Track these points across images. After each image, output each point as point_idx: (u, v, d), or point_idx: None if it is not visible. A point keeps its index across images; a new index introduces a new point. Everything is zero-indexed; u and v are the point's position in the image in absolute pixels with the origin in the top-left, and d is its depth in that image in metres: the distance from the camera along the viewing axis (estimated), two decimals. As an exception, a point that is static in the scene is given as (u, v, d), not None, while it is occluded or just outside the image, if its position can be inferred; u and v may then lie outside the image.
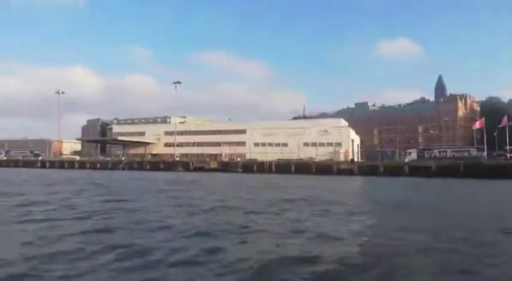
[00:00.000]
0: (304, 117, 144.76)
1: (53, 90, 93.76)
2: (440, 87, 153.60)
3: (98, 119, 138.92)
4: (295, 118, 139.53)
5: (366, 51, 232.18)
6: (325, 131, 69.91)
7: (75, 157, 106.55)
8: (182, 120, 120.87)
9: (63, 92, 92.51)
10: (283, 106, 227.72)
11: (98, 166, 70.56)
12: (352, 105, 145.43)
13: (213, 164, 63.84)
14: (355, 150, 71.27)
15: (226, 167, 60.99)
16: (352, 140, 71.09)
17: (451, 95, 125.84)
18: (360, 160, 67.69)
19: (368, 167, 50.45)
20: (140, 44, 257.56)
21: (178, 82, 76.64)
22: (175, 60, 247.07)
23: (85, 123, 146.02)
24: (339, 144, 66.65)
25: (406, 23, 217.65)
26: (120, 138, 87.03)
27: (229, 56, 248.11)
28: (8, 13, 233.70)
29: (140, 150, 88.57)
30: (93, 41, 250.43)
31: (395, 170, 47.16)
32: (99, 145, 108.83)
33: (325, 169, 52.56)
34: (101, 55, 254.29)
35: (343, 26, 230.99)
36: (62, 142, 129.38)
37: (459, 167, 43.70)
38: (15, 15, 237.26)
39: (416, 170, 45.87)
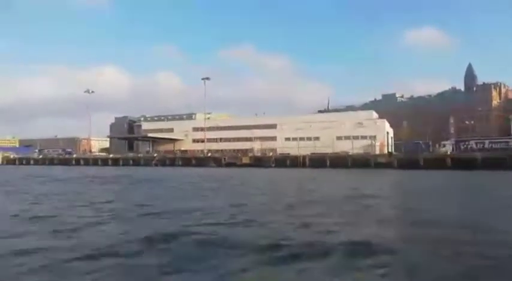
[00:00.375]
0: (329, 110, 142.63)
1: (81, 89, 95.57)
2: (470, 76, 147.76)
3: (126, 117, 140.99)
4: (320, 111, 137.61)
5: (390, 42, 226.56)
6: (359, 123, 68.37)
7: (103, 154, 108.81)
8: (207, 116, 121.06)
9: (92, 91, 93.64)
10: (306, 100, 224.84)
11: (131, 162, 71.61)
12: (379, 97, 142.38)
13: (245, 160, 63.61)
14: (390, 143, 69.35)
15: (259, 162, 60.57)
16: (387, 133, 69.27)
17: (484, 83, 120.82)
18: (393, 153, 65.86)
19: (407, 161, 48.87)
20: (164, 43, 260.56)
21: (207, 78, 76.63)
22: (198, 57, 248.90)
23: (113, 121, 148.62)
24: (374, 137, 65.02)
25: (430, 11, 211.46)
26: (150, 135, 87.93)
27: (252, 51, 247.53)
28: (37, 17, 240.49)
29: (168, 146, 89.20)
30: (119, 40, 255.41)
31: (436, 163, 45.53)
32: (127, 141, 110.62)
33: (362, 162, 51.36)
34: (127, 54, 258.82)
35: (366, 16, 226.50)
36: (90, 139, 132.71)
37: (508, 159, 41.73)
38: (44, 18, 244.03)
39: (460, 163, 44.10)
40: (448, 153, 49.78)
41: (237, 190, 20.35)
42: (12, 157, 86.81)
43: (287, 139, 71.69)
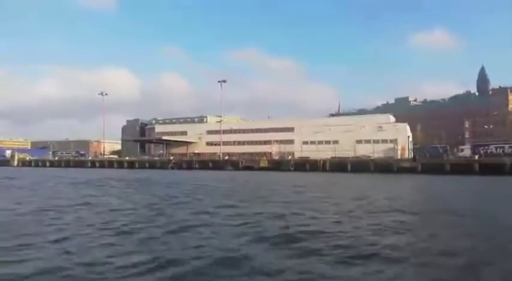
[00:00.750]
0: (340, 114, 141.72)
1: (86, 91, 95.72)
2: (483, 79, 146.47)
3: (137, 120, 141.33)
4: (332, 115, 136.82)
5: (395, 45, 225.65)
6: (379, 127, 67.39)
7: (114, 156, 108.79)
8: (218, 119, 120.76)
9: (106, 94, 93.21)
10: (311, 102, 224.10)
11: (147, 165, 71.15)
12: (391, 101, 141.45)
13: (263, 163, 62.87)
14: (410, 147, 68.20)
15: (278, 165, 59.83)
16: (408, 137, 68.14)
17: (500, 87, 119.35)
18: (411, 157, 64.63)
19: (432, 165, 47.86)
20: (168, 45, 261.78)
21: (224, 81, 76.00)
22: (203, 60, 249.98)
23: (121, 123, 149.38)
24: (395, 140, 63.92)
25: (441, 13, 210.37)
26: (164, 138, 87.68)
27: (255, 53, 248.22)
28: (45, 18, 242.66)
29: (181, 149, 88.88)
30: (123, 43, 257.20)
31: (463, 168, 44.49)
32: (138, 144, 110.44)
33: (384, 167, 50.39)
34: (132, 57, 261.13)
35: (368, 16, 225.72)
36: (100, 142, 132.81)
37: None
38: (52, 19, 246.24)
39: (488, 168, 43.02)
40: (477, 157, 48.57)
41: (285, 194, 19.64)
42: (28, 158, 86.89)
43: (305, 142, 70.81)
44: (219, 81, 75.53)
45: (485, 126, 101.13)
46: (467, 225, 10.68)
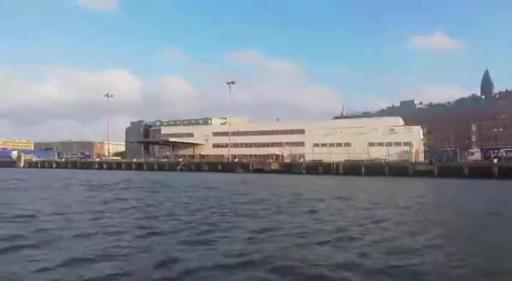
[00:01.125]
0: (343, 116, 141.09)
1: (90, 93, 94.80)
2: (486, 82, 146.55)
3: (141, 121, 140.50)
4: (336, 117, 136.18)
5: (400, 46, 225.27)
6: (392, 130, 66.69)
7: (117, 157, 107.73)
8: (223, 121, 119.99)
9: (111, 95, 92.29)
10: (313, 103, 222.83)
11: (155, 167, 70.36)
12: (396, 104, 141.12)
13: (275, 166, 62.08)
14: (423, 150, 67.42)
15: (289, 168, 59.02)
16: (421, 140, 67.41)
17: (506, 90, 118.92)
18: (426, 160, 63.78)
19: (449, 169, 47.17)
20: (169, 46, 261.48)
21: (233, 82, 75.35)
22: (204, 61, 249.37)
23: (123, 124, 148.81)
24: (409, 143, 63.21)
25: (441, 13, 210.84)
26: (171, 139, 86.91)
27: (259, 55, 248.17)
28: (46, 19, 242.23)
29: (188, 151, 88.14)
30: (129, 45, 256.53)
31: (482, 172, 43.87)
32: (142, 145, 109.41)
33: (399, 170, 49.63)
34: (133, 58, 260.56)
35: (376, 18, 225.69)
36: (104, 143, 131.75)
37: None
38: (52, 19, 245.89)
39: (508, 172, 42.36)
40: (496, 161, 47.82)
41: (330, 202, 18.90)
42: (34, 160, 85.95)
43: (316, 145, 69.93)
44: (228, 83, 74.96)
45: (495, 130, 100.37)
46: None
